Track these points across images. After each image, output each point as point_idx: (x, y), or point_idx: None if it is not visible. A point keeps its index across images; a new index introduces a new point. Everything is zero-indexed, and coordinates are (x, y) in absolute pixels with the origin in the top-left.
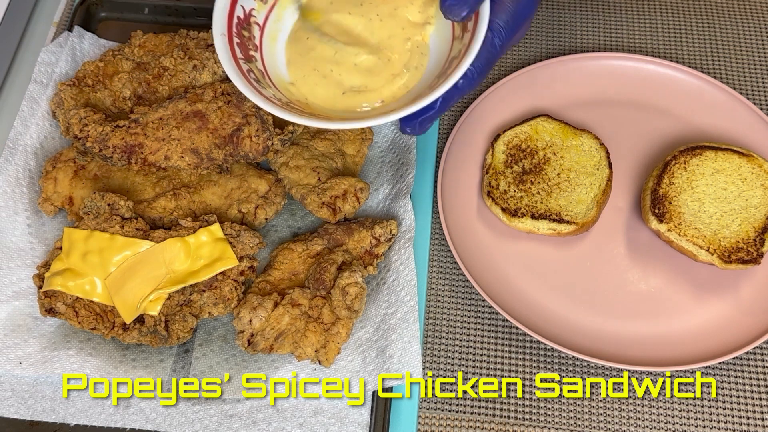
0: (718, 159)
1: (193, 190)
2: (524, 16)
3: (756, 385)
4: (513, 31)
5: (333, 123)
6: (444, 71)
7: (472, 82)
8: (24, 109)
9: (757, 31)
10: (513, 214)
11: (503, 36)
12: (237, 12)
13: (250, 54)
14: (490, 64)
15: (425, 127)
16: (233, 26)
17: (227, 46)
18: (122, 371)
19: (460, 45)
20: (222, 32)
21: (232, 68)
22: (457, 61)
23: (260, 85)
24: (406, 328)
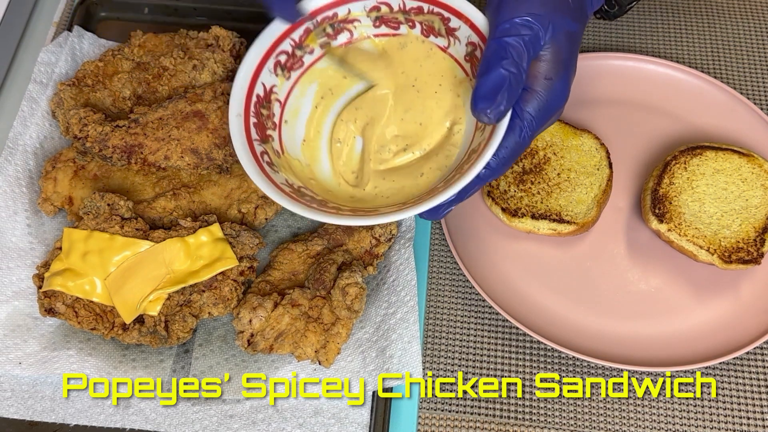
0: (718, 159)
1: (193, 190)
2: (556, 107)
3: (756, 385)
4: (543, 120)
5: (342, 218)
6: (462, 164)
7: (495, 172)
8: (24, 109)
9: (758, 31)
10: (513, 214)
11: (534, 126)
12: (257, 90)
13: (267, 134)
14: (516, 154)
15: (442, 215)
16: (251, 105)
17: (242, 129)
18: (122, 371)
19: (481, 138)
20: (238, 113)
21: (244, 150)
22: (476, 155)
23: (273, 168)
24: (406, 328)
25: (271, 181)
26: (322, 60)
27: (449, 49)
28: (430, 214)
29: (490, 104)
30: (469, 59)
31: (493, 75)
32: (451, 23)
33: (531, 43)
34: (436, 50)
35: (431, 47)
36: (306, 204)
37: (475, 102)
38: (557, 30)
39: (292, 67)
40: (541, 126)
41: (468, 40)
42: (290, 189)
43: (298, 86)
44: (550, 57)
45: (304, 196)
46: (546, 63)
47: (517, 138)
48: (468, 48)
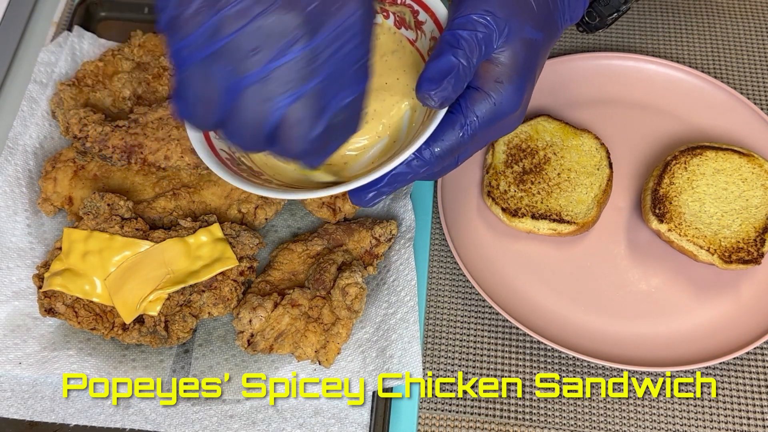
0: (718, 159)
1: (193, 190)
2: (504, 113)
3: (756, 385)
4: (488, 124)
5: (269, 190)
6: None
7: (427, 163)
8: (23, 109)
9: (758, 30)
10: (513, 214)
11: (476, 126)
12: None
13: None
14: (453, 151)
15: (372, 202)
16: None
17: None
18: (122, 371)
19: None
20: None
21: None
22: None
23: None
24: (406, 328)
25: (209, 144)
26: None
27: (416, 43)
28: (357, 198)
29: (436, 87)
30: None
31: (442, 60)
32: (419, 16)
33: (484, 41)
34: (405, 43)
35: (401, 39)
36: (236, 172)
37: (421, 83)
38: (514, 34)
39: None
40: (486, 129)
41: (431, 34)
42: (227, 156)
43: None
44: (503, 60)
45: (239, 165)
46: (499, 66)
47: (456, 134)
48: (431, 43)
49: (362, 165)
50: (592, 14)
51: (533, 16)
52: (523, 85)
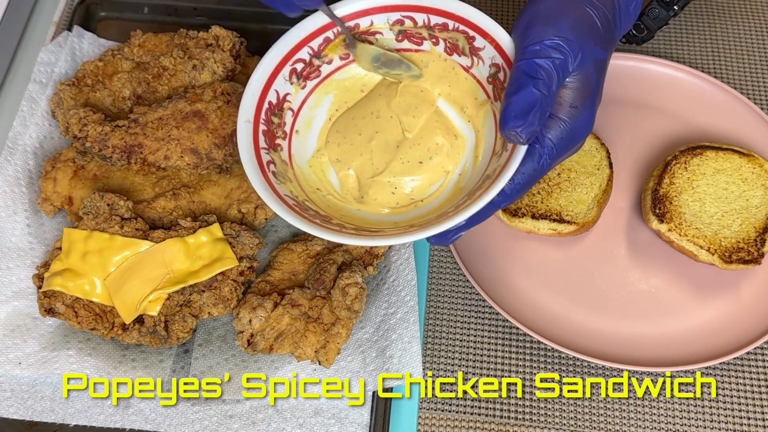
0: (718, 159)
1: (193, 190)
2: (579, 137)
3: (756, 385)
4: (565, 149)
5: (347, 236)
6: (475, 190)
7: (509, 198)
8: (23, 109)
9: (758, 30)
10: (513, 214)
11: (554, 154)
12: (269, 97)
13: (276, 143)
14: (533, 182)
15: (452, 240)
16: (262, 112)
17: (250, 135)
18: (122, 371)
19: (497, 163)
20: (247, 119)
21: (250, 159)
22: (490, 181)
23: (278, 179)
24: (406, 328)
25: (274, 191)
26: (340, 71)
27: (472, 69)
28: (439, 239)
29: (522, 123)
30: (491, 81)
31: (524, 94)
32: (476, 42)
33: (561, 68)
34: (458, 69)
35: (454, 66)
36: (308, 219)
37: (506, 121)
38: (586, 57)
39: (309, 76)
40: (562, 155)
41: (492, 61)
42: (294, 202)
43: (313, 96)
44: (577, 85)
45: (307, 210)
46: (573, 90)
47: (535, 165)
48: (491, 69)
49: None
50: (639, 27)
51: (600, 37)
52: (594, 107)
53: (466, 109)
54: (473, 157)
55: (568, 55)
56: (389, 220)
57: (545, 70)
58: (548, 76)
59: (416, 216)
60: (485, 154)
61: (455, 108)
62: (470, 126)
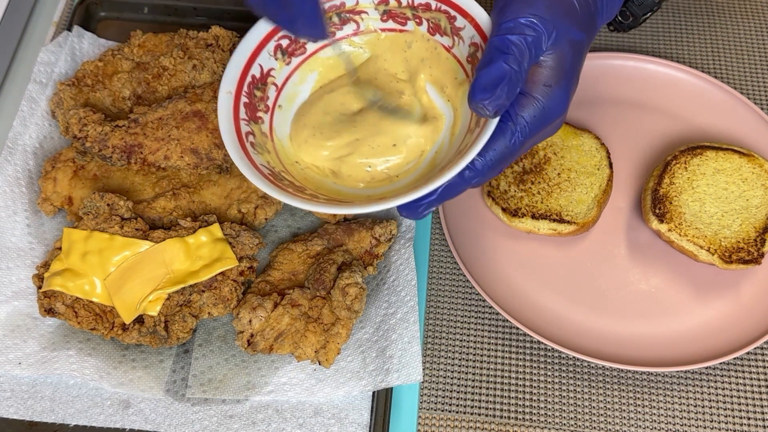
0: (718, 159)
1: (193, 190)
2: (553, 116)
3: (756, 385)
4: (538, 127)
5: (318, 205)
6: (447, 164)
7: (480, 174)
8: (23, 109)
9: (758, 30)
10: (513, 214)
11: (526, 132)
12: (253, 71)
13: (258, 116)
14: (506, 159)
15: (423, 214)
16: (245, 85)
17: (230, 106)
18: (122, 371)
19: (470, 139)
20: (229, 90)
21: (228, 128)
22: (461, 155)
23: (256, 149)
24: (406, 328)
25: (249, 160)
26: (325, 49)
27: (453, 49)
28: (409, 211)
29: (490, 96)
30: (470, 60)
31: (494, 67)
32: (457, 22)
33: (533, 45)
34: (440, 49)
35: (436, 46)
36: (282, 187)
37: (474, 93)
38: (561, 37)
39: (294, 52)
40: (535, 134)
41: (471, 40)
42: (269, 171)
43: (298, 73)
44: (551, 64)
45: (282, 180)
46: (547, 69)
47: (507, 142)
48: (471, 49)
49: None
50: (625, 14)
51: (577, 18)
52: (569, 87)
53: (446, 89)
54: (450, 135)
55: (542, 33)
56: (363, 194)
57: (517, 46)
58: (519, 52)
59: (390, 190)
60: (461, 132)
61: (436, 88)
62: (449, 105)
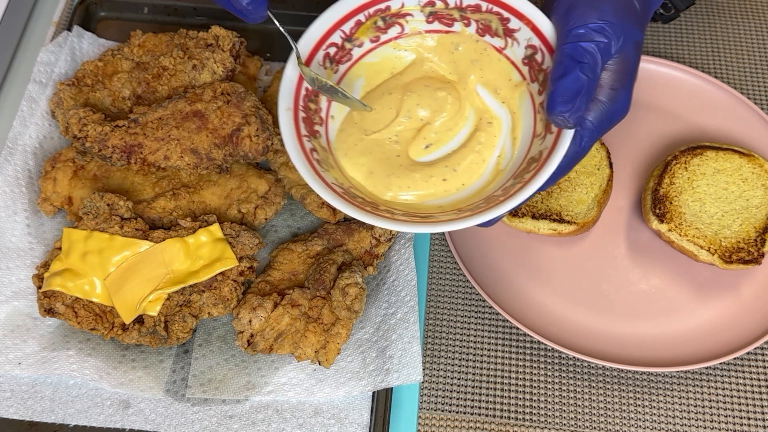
0: (719, 159)
1: (193, 190)
2: (618, 118)
3: (756, 385)
4: (604, 129)
5: (399, 224)
6: (522, 173)
7: (552, 180)
8: (23, 109)
9: (758, 30)
10: (513, 214)
11: (594, 136)
12: (305, 83)
13: (315, 129)
14: (574, 164)
15: (493, 223)
16: (300, 99)
17: (292, 124)
18: (122, 372)
19: (541, 146)
20: (288, 107)
21: (295, 148)
22: (538, 165)
23: (323, 166)
24: (406, 328)
25: (322, 179)
26: (371, 54)
27: (505, 50)
28: (486, 222)
29: (570, 108)
30: (527, 62)
31: (571, 78)
32: (511, 24)
33: (605, 51)
34: (491, 50)
35: (486, 47)
36: (359, 206)
37: (554, 106)
38: (627, 40)
39: (341, 60)
40: (600, 135)
41: (528, 42)
42: (341, 189)
43: (345, 80)
44: (617, 67)
45: (355, 198)
46: (613, 73)
47: (577, 147)
48: (527, 51)
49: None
50: (667, 5)
51: (638, 18)
52: (632, 88)
53: (500, 91)
54: (511, 139)
55: (611, 39)
56: (433, 204)
57: (590, 54)
58: (593, 60)
59: (460, 199)
60: (525, 136)
61: (488, 90)
62: (505, 107)
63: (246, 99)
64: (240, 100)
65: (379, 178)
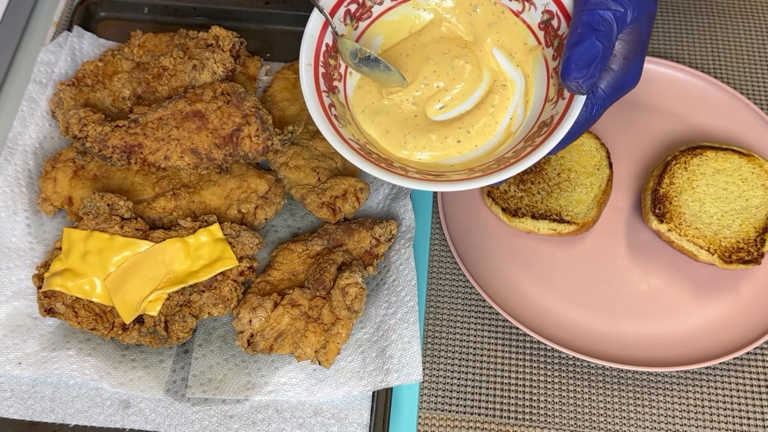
0: (718, 159)
1: (193, 190)
2: (630, 85)
3: (756, 385)
4: (614, 98)
5: (413, 181)
6: (533, 136)
7: (562, 146)
8: (23, 109)
9: (758, 30)
10: (513, 214)
11: (605, 104)
12: (326, 39)
13: (334, 84)
14: (583, 130)
15: (500, 183)
16: (320, 55)
17: (312, 78)
18: (122, 371)
19: (553, 111)
20: (309, 62)
21: (315, 103)
22: (549, 130)
23: (340, 122)
24: (406, 328)
25: (339, 135)
26: (391, 12)
27: (522, 14)
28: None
29: (585, 74)
30: (543, 27)
31: (587, 45)
32: None
33: (621, 20)
34: (508, 13)
35: (503, 10)
36: (374, 163)
37: (568, 71)
38: (641, 10)
39: (361, 17)
40: (611, 103)
41: (545, 7)
42: (357, 145)
43: (364, 37)
44: (631, 37)
45: (370, 154)
46: (627, 42)
47: (587, 114)
48: (544, 15)
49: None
50: None
51: None
52: (644, 58)
53: (515, 54)
54: (524, 102)
55: (627, 8)
56: (445, 163)
57: (607, 22)
58: (609, 28)
59: (472, 159)
60: (537, 100)
61: (504, 53)
62: (519, 71)
63: (246, 99)
64: (240, 100)
65: (395, 136)
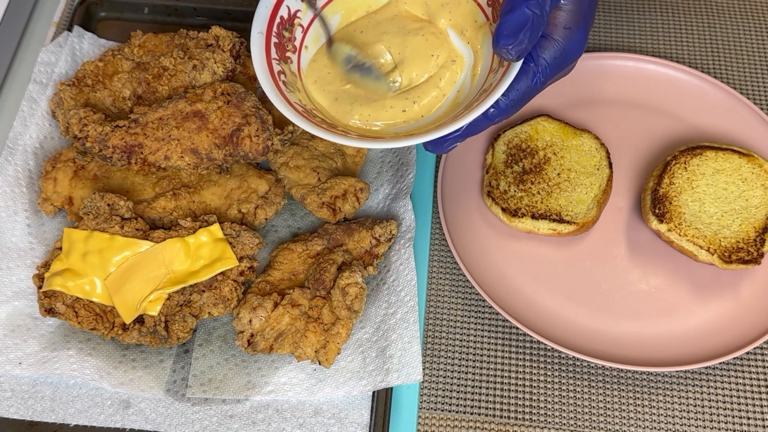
0: (718, 159)
1: (193, 190)
2: (572, 57)
3: (756, 385)
4: (558, 68)
5: (351, 140)
6: (472, 103)
7: (503, 112)
8: (23, 109)
9: (758, 30)
10: (513, 214)
11: (547, 73)
12: (281, 12)
13: (287, 55)
14: (527, 98)
15: (448, 149)
16: (274, 26)
17: (262, 45)
18: (122, 371)
19: (493, 79)
20: (260, 30)
21: (262, 67)
22: (486, 94)
23: (288, 87)
24: (406, 328)
25: (285, 99)
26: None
27: None
28: (435, 146)
29: (513, 41)
30: (491, 3)
31: (517, 13)
32: None
33: None
34: None
35: None
36: (316, 124)
37: (498, 38)
38: None
39: None
40: (555, 75)
41: None
42: (303, 109)
43: (322, 15)
44: (571, 7)
45: (314, 117)
46: (567, 12)
47: (529, 82)
48: None
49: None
50: None
51: None
52: (587, 29)
53: (466, 32)
54: (471, 75)
55: None
56: (390, 131)
57: None
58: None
59: (416, 127)
60: (483, 71)
61: (456, 31)
62: (469, 47)
63: (246, 99)
64: (240, 101)
65: (342, 104)
